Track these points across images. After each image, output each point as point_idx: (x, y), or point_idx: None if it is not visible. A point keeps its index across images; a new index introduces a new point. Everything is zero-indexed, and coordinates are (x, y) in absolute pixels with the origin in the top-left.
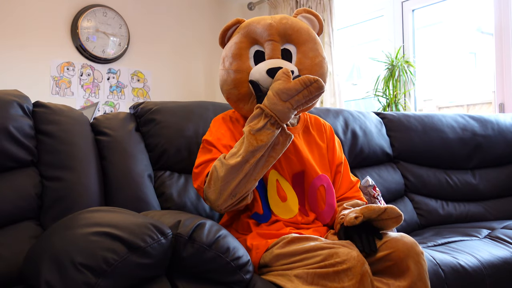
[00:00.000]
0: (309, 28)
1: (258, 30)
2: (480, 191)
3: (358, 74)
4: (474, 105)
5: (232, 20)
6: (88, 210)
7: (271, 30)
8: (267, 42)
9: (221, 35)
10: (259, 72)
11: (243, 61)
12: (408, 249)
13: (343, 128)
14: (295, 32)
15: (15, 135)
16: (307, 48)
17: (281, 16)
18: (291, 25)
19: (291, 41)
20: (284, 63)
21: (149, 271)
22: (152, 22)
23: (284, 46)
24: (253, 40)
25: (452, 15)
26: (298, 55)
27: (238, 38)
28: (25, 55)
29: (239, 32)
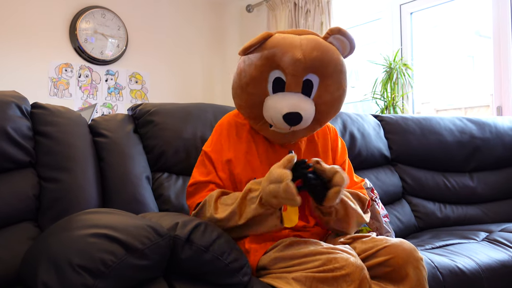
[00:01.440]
0: (338, 58)
1: (284, 61)
2: (478, 194)
3: (356, 76)
4: (472, 108)
5: (262, 34)
6: (86, 211)
7: (299, 67)
8: (290, 75)
9: (246, 48)
10: (276, 114)
11: (260, 85)
12: (407, 255)
13: (341, 131)
14: (323, 66)
15: (13, 136)
16: (331, 81)
17: (312, 45)
18: (321, 59)
19: (315, 72)
20: (302, 102)
21: (147, 273)
22: (150, 24)
23: (307, 77)
24: (276, 66)
25: (450, 18)
26: (320, 88)
27: (261, 60)
28: (24, 56)
29: (264, 51)
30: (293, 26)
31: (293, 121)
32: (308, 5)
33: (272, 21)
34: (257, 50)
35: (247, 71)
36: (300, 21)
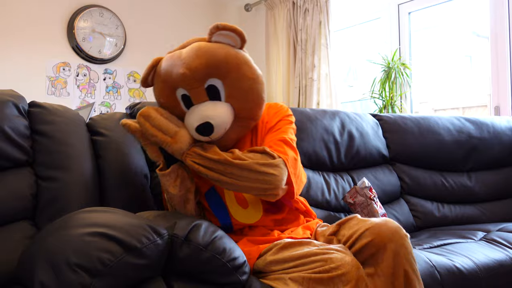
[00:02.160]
0: (226, 54)
1: (174, 80)
2: (475, 194)
3: (354, 76)
4: (470, 107)
5: (151, 62)
6: (83, 210)
7: (188, 81)
8: (189, 90)
9: (143, 81)
10: (191, 131)
11: (175, 107)
12: (392, 233)
13: (340, 130)
14: (214, 68)
15: (10, 135)
16: (232, 78)
17: (193, 55)
18: (207, 63)
19: (212, 76)
20: (209, 110)
21: (145, 272)
22: (148, 23)
23: (208, 83)
24: (175, 86)
25: (448, 18)
26: (226, 87)
27: (161, 85)
28: (21, 55)
29: (159, 78)
30: (292, 26)
31: (206, 132)
32: (306, 4)
33: (270, 20)
34: (155, 77)
35: (159, 99)
36: (299, 21)
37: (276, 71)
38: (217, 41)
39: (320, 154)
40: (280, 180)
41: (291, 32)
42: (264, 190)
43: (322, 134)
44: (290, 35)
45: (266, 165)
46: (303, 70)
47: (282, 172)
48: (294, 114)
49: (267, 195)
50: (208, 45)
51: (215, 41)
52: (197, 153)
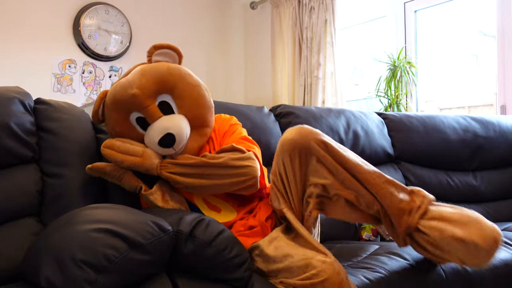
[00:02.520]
0: (168, 68)
1: (126, 103)
2: (481, 193)
3: (360, 74)
4: (476, 107)
5: (98, 96)
6: (88, 206)
7: (138, 100)
8: (142, 110)
9: (94, 116)
10: (153, 146)
11: (132, 134)
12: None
13: (345, 128)
14: (160, 83)
15: (16, 131)
16: (179, 89)
17: (138, 75)
18: (153, 79)
19: (161, 92)
20: (166, 122)
21: (150, 268)
22: (154, 20)
23: (159, 100)
24: (128, 110)
25: (454, 16)
26: (176, 100)
27: (113, 115)
28: (27, 52)
29: (109, 108)
30: (297, 24)
31: (168, 143)
32: (312, 2)
33: (276, 18)
34: (105, 110)
35: (114, 129)
36: (304, 19)
37: (282, 69)
38: (157, 60)
39: None
40: (256, 170)
41: (296, 30)
42: (244, 182)
43: (327, 132)
44: (296, 33)
45: (240, 158)
46: (308, 68)
47: (255, 163)
48: (299, 112)
49: (247, 187)
50: (149, 65)
51: (156, 61)
52: (171, 163)
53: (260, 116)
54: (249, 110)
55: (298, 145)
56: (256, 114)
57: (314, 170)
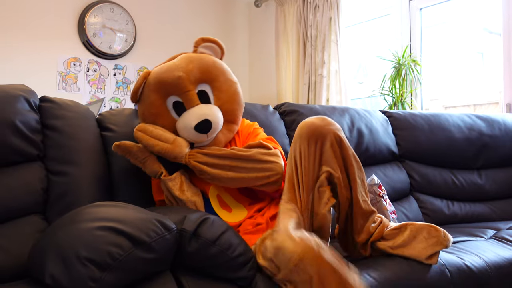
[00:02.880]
0: (214, 60)
1: (169, 85)
2: (486, 191)
3: (364, 72)
4: (481, 105)
5: (141, 75)
6: (93, 204)
7: (183, 83)
8: (182, 94)
9: (134, 94)
10: (187, 130)
11: (165, 116)
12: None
13: (349, 126)
14: (205, 72)
15: (21, 129)
16: (220, 82)
17: (186, 61)
18: (199, 67)
19: (203, 81)
20: (205, 109)
21: (154, 266)
22: (158, 18)
23: (198, 89)
24: (167, 93)
25: (459, 14)
26: (215, 92)
27: (152, 96)
28: (32, 50)
29: (149, 88)
30: (302, 22)
31: (204, 129)
32: (316, 0)
33: (280, 16)
34: (145, 90)
35: (147, 112)
36: (309, 17)
37: (286, 68)
38: (202, 52)
39: None
40: (281, 166)
41: (301, 28)
42: (269, 177)
43: None
44: (300, 31)
45: (268, 154)
46: (312, 67)
47: (281, 160)
48: (304, 111)
49: (271, 183)
50: (196, 54)
51: (201, 52)
52: (200, 152)
53: (265, 114)
54: (254, 108)
55: (317, 129)
56: (261, 113)
57: (328, 159)
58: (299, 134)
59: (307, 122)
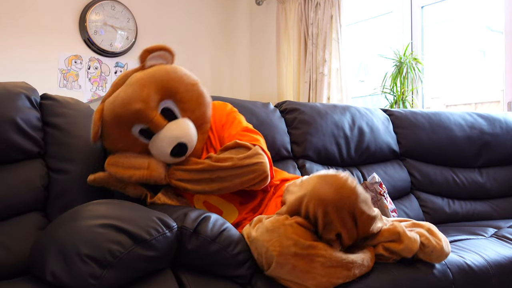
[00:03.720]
0: (167, 71)
1: (129, 119)
2: (487, 190)
3: (365, 70)
4: (482, 103)
5: (94, 116)
6: (94, 202)
7: (144, 114)
8: (146, 122)
9: (95, 137)
10: (163, 156)
11: (135, 146)
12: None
13: (350, 125)
14: (162, 91)
15: (22, 127)
16: (181, 93)
17: (138, 87)
18: (155, 88)
19: (163, 99)
20: (175, 131)
21: (154, 264)
22: (160, 16)
23: (161, 108)
24: (130, 125)
25: (461, 12)
26: (179, 105)
27: (114, 132)
28: (33, 48)
29: (109, 126)
30: (303, 20)
31: (181, 152)
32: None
33: (281, 14)
34: (104, 129)
35: (115, 146)
36: (310, 15)
37: (287, 66)
38: (151, 65)
39: (330, 149)
40: (265, 165)
41: (302, 26)
42: (254, 179)
43: (332, 129)
44: (301, 29)
45: (247, 157)
46: (313, 65)
47: (263, 157)
48: (304, 109)
49: (258, 183)
50: (146, 72)
51: (150, 66)
52: (178, 169)
53: (266, 112)
54: (254, 106)
55: (336, 206)
56: (261, 110)
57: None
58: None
59: (324, 197)
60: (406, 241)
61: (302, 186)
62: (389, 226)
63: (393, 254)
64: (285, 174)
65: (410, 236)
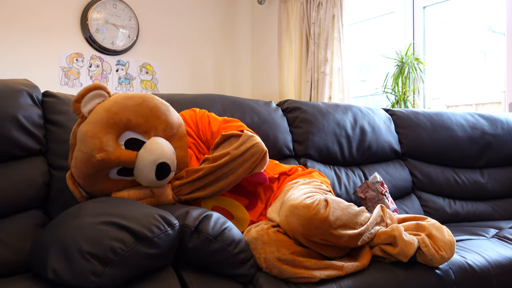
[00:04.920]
0: (105, 109)
1: (99, 170)
2: (488, 190)
3: (367, 70)
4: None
5: (68, 182)
6: (95, 200)
7: (107, 161)
8: (116, 165)
9: (78, 196)
10: (152, 183)
11: (122, 185)
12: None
13: (352, 124)
14: (112, 131)
15: (24, 124)
16: (132, 119)
17: (88, 139)
18: (104, 131)
19: (119, 135)
20: (148, 157)
21: (156, 261)
22: (161, 14)
23: (122, 142)
24: (104, 172)
25: (463, 13)
26: (137, 130)
27: (96, 186)
28: (35, 46)
29: (87, 184)
30: (305, 19)
31: (166, 172)
32: None
33: (283, 13)
34: (86, 187)
35: (104, 192)
36: (312, 14)
37: (288, 65)
38: (90, 109)
39: (332, 148)
40: (260, 144)
41: (304, 26)
42: (254, 162)
43: (334, 128)
44: (303, 29)
45: (241, 144)
46: (315, 64)
47: (255, 138)
48: (306, 107)
49: (260, 164)
50: (88, 121)
51: (89, 112)
52: (182, 184)
53: (268, 110)
54: (257, 104)
55: (306, 237)
56: (263, 109)
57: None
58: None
59: (294, 227)
60: (401, 245)
61: (280, 209)
62: (388, 229)
63: (389, 256)
64: (283, 167)
65: (406, 240)
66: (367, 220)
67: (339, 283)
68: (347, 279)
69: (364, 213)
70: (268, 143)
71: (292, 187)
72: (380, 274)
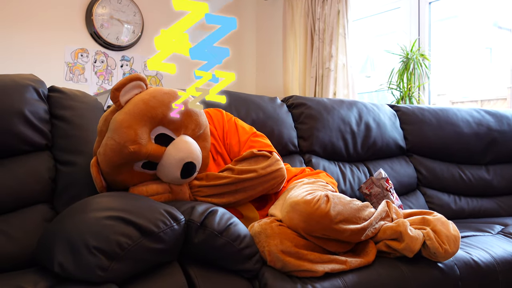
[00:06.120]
0: (145, 102)
1: (127, 161)
2: (493, 187)
3: (372, 66)
4: (489, 100)
5: (93, 170)
6: (102, 194)
7: (138, 153)
8: (145, 158)
9: (99, 187)
10: (175, 181)
11: (143, 177)
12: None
13: (357, 120)
14: (147, 123)
15: (30, 119)
16: (165, 115)
17: (123, 129)
18: (140, 123)
19: (152, 128)
20: (176, 154)
21: (161, 256)
22: (166, 10)
23: (154, 136)
24: (130, 165)
25: (469, 9)
26: (169, 126)
27: (118, 177)
28: (40, 41)
29: (110, 173)
30: (309, 15)
31: (191, 171)
32: None
33: (288, 9)
34: (107, 176)
35: (125, 185)
36: (317, 10)
37: (293, 61)
38: (127, 99)
39: (336, 144)
40: (283, 170)
41: (308, 21)
42: (273, 184)
43: (338, 124)
44: (308, 24)
45: (269, 165)
46: (320, 60)
47: (281, 163)
48: (311, 103)
49: (277, 187)
50: (124, 111)
51: (126, 101)
52: (203, 186)
53: (273, 106)
54: (261, 100)
55: (307, 232)
56: (268, 105)
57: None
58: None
59: (296, 223)
60: (407, 241)
61: (282, 207)
62: (393, 224)
63: (395, 251)
64: (292, 172)
65: (412, 235)
66: (371, 215)
67: (343, 278)
68: (351, 274)
69: (367, 208)
70: (273, 139)
71: (295, 186)
72: (385, 270)
